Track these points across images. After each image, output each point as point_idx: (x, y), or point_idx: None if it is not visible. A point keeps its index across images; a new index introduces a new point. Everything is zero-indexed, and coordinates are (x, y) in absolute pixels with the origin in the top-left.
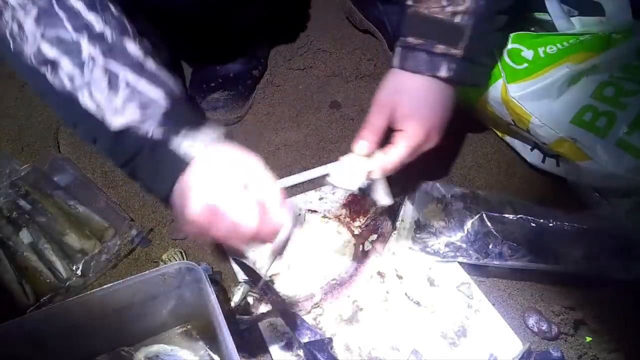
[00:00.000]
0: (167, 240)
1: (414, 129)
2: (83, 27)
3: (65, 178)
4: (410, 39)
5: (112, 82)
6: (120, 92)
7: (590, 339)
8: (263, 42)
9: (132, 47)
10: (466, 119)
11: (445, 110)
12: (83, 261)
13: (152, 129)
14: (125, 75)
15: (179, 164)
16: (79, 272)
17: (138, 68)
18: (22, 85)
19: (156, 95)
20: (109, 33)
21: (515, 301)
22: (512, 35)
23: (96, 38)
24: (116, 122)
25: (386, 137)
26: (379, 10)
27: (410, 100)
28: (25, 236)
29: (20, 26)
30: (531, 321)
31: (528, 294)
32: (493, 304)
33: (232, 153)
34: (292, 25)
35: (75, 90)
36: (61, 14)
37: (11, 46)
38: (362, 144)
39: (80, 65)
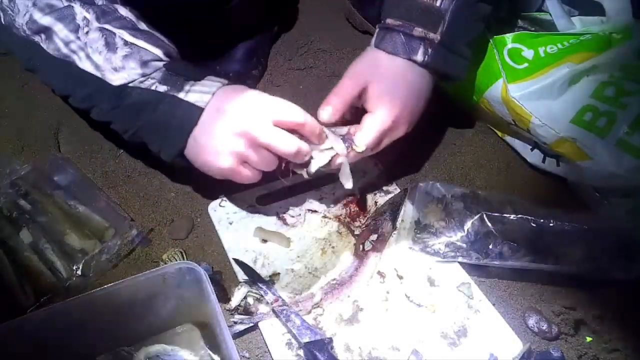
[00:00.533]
0: (168, 240)
1: (383, 112)
2: None
3: (65, 178)
4: (390, 21)
5: (109, 41)
6: (119, 50)
7: (591, 339)
8: (263, 41)
9: (124, 10)
10: (466, 119)
11: (419, 99)
12: (83, 261)
13: (155, 82)
14: (122, 34)
15: (192, 113)
16: (79, 272)
17: (133, 28)
18: (23, 85)
19: (155, 51)
20: None
21: (515, 301)
22: (512, 35)
23: (87, 2)
24: (117, 79)
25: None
26: (379, 12)
27: (383, 81)
28: (25, 236)
29: None
30: (531, 321)
31: (528, 294)
32: (493, 304)
33: (247, 90)
34: (292, 25)
35: (71, 53)
36: None
37: (2, 20)
38: (327, 109)
39: (75, 29)
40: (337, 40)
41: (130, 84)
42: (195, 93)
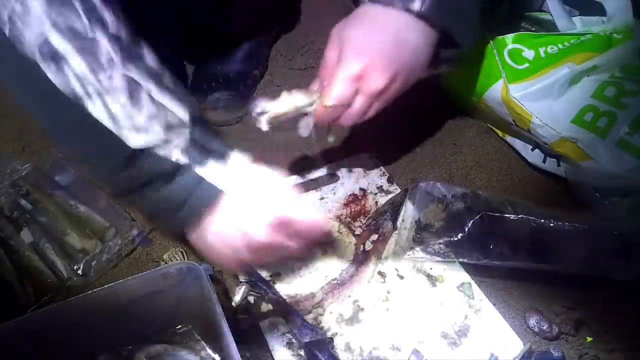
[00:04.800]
0: (168, 240)
1: (349, 57)
2: (100, 22)
3: (66, 178)
4: None
5: (134, 94)
6: (145, 109)
7: (591, 339)
8: (263, 42)
9: (149, 56)
10: (466, 119)
11: (417, 55)
12: (84, 261)
13: (176, 152)
14: (148, 87)
15: (209, 193)
16: (80, 271)
17: (158, 81)
18: None
19: (182, 114)
20: (124, 36)
21: (515, 301)
22: (512, 35)
23: (113, 39)
24: (137, 140)
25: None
26: None
27: (359, 27)
28: (26, 236)
29: (25, 6)
30: (532, 321)
31: (529, 294)
32: (494, 304)
33: (261, 177)
34: (292, 25)
35: (84, 96)
36: (76, 2)
37: (6, 31)
38: (329, 94)
39: (96, 69)
40: None
41: (149, 150)
42: (215, 169)
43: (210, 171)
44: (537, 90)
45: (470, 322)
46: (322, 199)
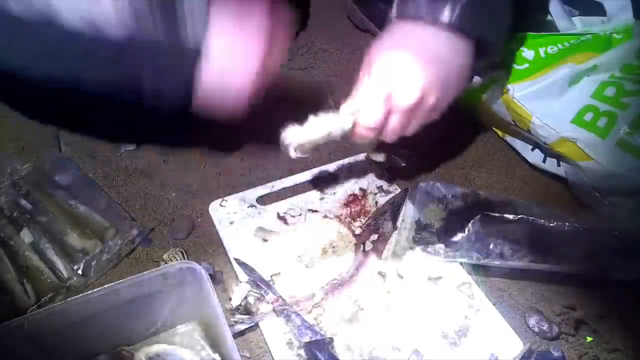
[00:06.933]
0: (168, 240)
1: (378, 73)
2: None
3: (66, 178)
4: None
5: None
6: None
7: (591, 338)
8: None
9: None
10: (466, 119)
11: (450, 67)
12: (84, 261)
13: (152, 31)
14: None
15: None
16: (79, 271)
17: None
18: None
19: None
20: None
21: (515, 301)
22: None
23: None
24: (115, 34)
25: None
26: (380, 9)
27: (388, 41)
28: (26, 236)
29: None
30: (532, 321)
31: (529, 294)
32: (494, 304)
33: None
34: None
35: (51, 10)
36: None
37: None
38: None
39: None
40: (338, 40)
41: (131, 40)
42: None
43: (191, 38)
44: (537, 90)
45: (470, 322)
46: (322, 199)
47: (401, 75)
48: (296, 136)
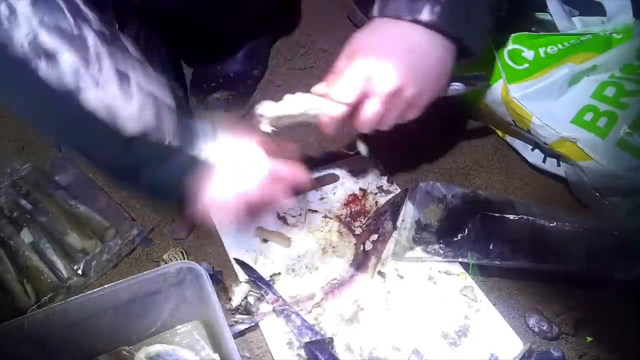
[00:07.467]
0: (168, 240)
1: (359, 60)
2: (84, 20)
3: (66, 178)
4: None
5: (124, 85)
6: (135, 97)
7: (591, 339)
8: (263, 41)
9: (132, 48)
10: (466, 119)
11: (430, 64)
12: (84, 261)
13: (168, 136)
14: (136, 77)
15: (203, 168)
16: (79, 271)
17: (144, 70)
18: None
19: (168, 101)
20: (107, 31)
21: (515, 301)
22: (512, 35)
23: (99, 34)
24: (131, 128)
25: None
26: None
27: (369, 35)
28: (26, 236)
29: (12, 9)
30: (532, 321)
31: (529, 294)
32: (494, 304)
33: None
34: (293, 25)
35: (79, 88)
36: (60, 2)
37: None
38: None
39: (86, 62)
40: (338, 40)
41: (144, 135)
42: (205, 149)
43: (201, 149)
44: (537, 91)
45: (470, 322)
46: (322, 199)
47: (381, 61)
48: (270, 110)
